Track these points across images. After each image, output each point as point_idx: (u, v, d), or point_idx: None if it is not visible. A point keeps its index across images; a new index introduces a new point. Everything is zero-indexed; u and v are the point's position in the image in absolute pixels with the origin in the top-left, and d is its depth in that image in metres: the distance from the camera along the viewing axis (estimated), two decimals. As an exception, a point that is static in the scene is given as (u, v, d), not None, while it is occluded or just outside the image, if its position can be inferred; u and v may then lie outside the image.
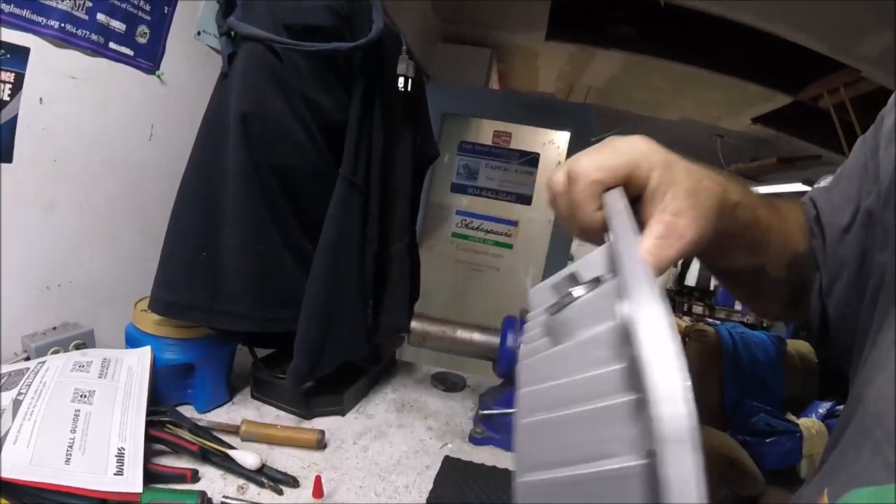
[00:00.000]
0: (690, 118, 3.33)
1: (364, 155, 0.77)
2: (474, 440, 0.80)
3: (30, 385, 0.59)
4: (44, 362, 0.64)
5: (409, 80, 0.79)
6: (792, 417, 0.79)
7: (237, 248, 0.72)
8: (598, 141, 0.38)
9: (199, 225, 0.72)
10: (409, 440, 0.78)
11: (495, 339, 0.81)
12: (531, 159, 2.46)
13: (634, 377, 0.21)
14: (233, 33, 0.72)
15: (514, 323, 0.81)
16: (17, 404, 0.56)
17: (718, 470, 0.69)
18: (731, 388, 0.91)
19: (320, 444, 0.71)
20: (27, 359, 0.70)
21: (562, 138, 2.42)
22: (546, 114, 2.38)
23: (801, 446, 0.74)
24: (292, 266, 0.76)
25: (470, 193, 2.53)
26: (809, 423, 0.76)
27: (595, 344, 0.25)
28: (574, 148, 2.37)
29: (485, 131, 2.54)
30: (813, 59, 1.93)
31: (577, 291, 0.29)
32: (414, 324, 0.85)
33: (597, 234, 0.35)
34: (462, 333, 0.84)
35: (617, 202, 0.33)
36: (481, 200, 2.51)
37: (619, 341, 0.24)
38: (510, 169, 2.48)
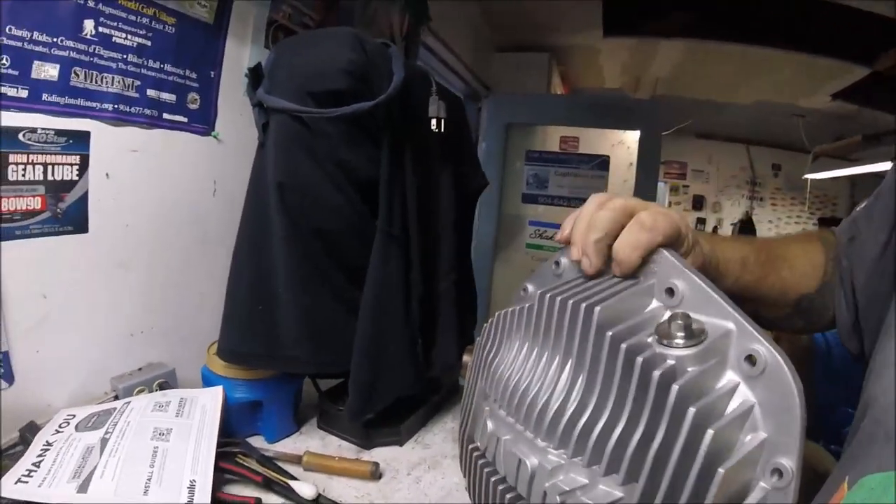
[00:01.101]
0: (766, 100, 3.09)
1: (398, 205, 0.78)
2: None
3: (115, 425, 0.67)
4: (129, 402, 0.72)
5: (442, 121, 0.79)
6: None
7: (289, 303, 0.76)
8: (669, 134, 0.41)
9: (253, 283, 0.77)
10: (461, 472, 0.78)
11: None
12: (601, 162, 2.38)
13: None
14: (263, 104, 0.75)
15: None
16: (104, 442, 0.64)
17: (806, 484, 0.62)
18: (822, 389, 0.84)
19: (374, 475, 0.73)
20: (116, 397, 0.79)
21: (632, 137, 2.31)
22: (612, 114, 2.29)
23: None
24: (343, 316, 0.79)
25: (541, 203, 2.49)
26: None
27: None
28: (645, 147, 2.25)
29: (551, 138, 2.49)
30: (886, 26, 1.72)
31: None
32: (466, 358, 0.85)
33: (628, 270, 0.39)
34: (513, 363, 0.82)
35: (679, 258, 0.37)
36: (553, 209, 2.46)
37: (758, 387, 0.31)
38: (580, 174, 2.41)
